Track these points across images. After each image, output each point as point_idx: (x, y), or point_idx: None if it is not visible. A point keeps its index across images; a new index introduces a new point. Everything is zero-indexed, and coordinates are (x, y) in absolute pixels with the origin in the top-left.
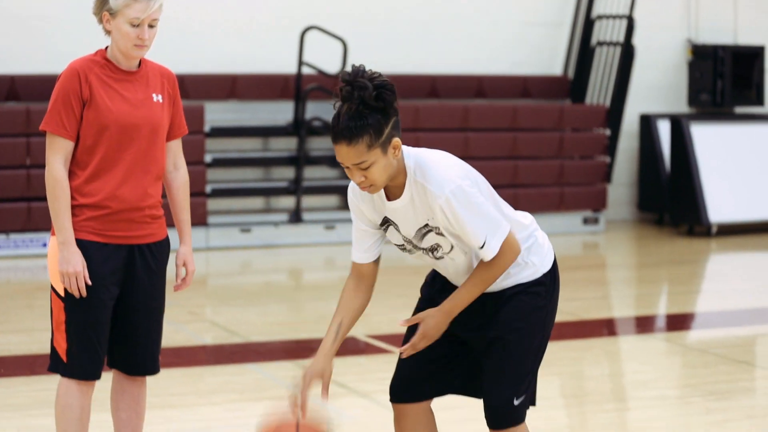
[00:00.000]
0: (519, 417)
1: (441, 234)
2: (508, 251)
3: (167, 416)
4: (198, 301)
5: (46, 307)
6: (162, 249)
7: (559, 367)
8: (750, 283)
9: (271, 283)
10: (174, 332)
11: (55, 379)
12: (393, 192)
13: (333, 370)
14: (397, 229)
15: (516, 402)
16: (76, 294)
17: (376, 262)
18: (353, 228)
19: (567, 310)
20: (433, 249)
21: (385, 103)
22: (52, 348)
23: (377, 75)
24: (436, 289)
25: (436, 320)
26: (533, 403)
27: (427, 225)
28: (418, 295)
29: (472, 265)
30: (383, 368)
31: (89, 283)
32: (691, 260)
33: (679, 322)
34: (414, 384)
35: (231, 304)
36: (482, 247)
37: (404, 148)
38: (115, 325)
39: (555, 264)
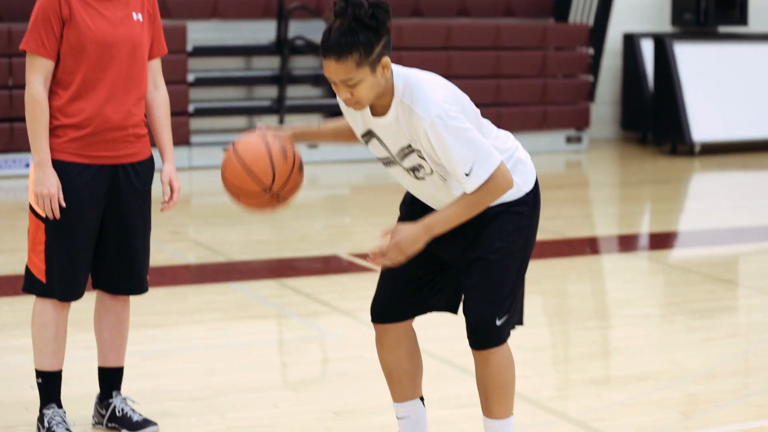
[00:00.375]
0: (501, 337)
1: (423, 157)
2: (502, 181)
3: (150, 335)
4: (181, 220)
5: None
6: (146, 168)
7: (541, 285)
8: (732, 202)
9: None
10: (157, 252)
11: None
12: (378, 110)
13: (315, 286)
14: (381, 143)
15: (498, 322)
16: (50, 215)
17: None
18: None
19: (550, 228)
20: (414, 169)
21: (378, 22)
22: (27, 268)
23: None
24: (417, 209)
25: (412, 232)
26: (521, 323)
27: (410, 146)
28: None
29: (452, 191)
30: (366, 286)
31: (63, 205)
32: (674, 179)
33: (662, 240)
34: (395, 304)
35: (214, 224)
36: (468, 174)
37: (394, 67)
38: (100, 245)
39: (537, 183)
